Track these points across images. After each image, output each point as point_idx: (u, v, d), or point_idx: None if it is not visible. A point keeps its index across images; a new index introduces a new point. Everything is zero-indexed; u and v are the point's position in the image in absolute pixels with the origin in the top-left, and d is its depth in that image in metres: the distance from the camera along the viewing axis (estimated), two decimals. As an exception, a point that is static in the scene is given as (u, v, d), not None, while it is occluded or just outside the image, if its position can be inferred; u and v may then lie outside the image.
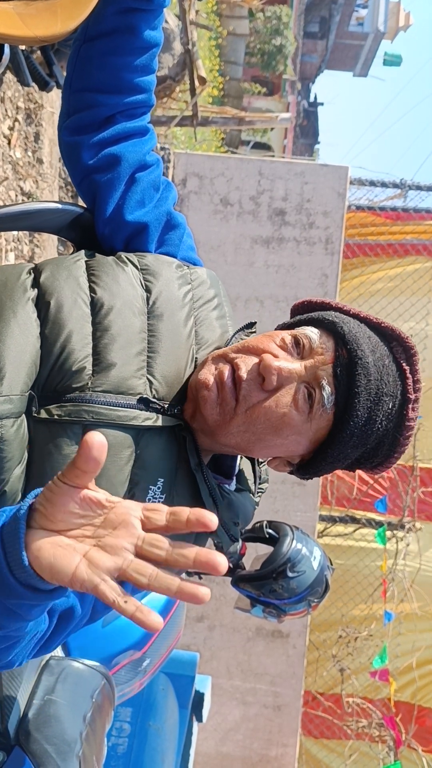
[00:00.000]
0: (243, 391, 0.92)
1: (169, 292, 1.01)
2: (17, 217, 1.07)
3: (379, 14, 30.55)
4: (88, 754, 1.48)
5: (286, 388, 0.93)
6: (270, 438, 0.94)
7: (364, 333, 0.97)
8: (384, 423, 0.95)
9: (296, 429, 0.94)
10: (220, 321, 1.06)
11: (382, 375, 0.94)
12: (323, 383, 0.93)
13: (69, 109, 1.07)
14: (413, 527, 4.27)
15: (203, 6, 12.14)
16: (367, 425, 0.93)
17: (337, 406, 0.93)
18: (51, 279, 0.96)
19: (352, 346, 0.93)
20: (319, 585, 1.69)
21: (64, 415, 0.90)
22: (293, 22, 21.27)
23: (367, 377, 0.92)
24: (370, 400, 0.93)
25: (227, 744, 4.11)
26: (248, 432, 0.94)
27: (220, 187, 3.90)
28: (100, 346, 0.93)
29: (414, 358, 0.98)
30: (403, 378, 0.96)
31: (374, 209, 4.46)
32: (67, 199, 4.36)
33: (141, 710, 2.54)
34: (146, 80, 1.08)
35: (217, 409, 0.93)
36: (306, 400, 0.93)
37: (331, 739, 4.52)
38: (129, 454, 0.93)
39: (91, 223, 1.10)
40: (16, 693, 1.44)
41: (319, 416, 0.93)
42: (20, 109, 3.62)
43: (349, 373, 0.93)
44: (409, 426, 0.96)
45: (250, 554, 1.78)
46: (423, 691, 4.38)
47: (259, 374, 0.93)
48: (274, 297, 3.87)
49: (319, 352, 0.95)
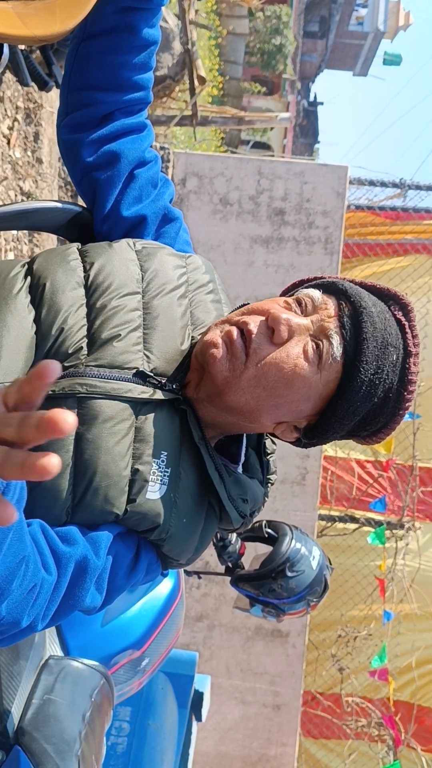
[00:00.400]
0: (254, 344, 0.93)
1: (163, 273, 1.02)
2: (16, 216, 1.07)
3: (379, 14, 30.55)
4: (87, 754, 1.48)
5: (295, 339, 0.94)
6: (281, 391, 0.94)
7: (364, 291, 0.98)
8: (390, 375, 0.95)
9: (307, 381, 0.94)
10: (215, 304, 1.07)
11: (386, 326, 0.95)
12: (331, 333, 0.93)
13: (67, 107, 1.08)
14: (412, 527, 4.27)
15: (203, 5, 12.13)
16: (376, 375, 0.94)
17: (346, 355, 0.94)
18: (44, 264, 0.98)
19: (355, 299, 0.95)
20: (318, 584, 1.69)
21: (59, 390, 0.91)
22: (293, 22, 21.27)
23: (373, 325, 0.94)
24: (377, 348, 0.94)
25: (226, 743, 4.11)
26: (259, 387, 0.93)
27: (220, 186, 3.90)
28: (95, 325, 0.94)
29: (410, 314, 0.99)
30: (403, 332, 0.98)
31: (374, 209, 4.47)
32: (67, 198, 4.36)
33: (140, 709, 2.54)
34: (144, 78, 1.08)
35: (227, 365, 0.93)
36: (315, 352, 0.93)
37: (330, 739, 4.52)
38: (128, 426, 0.93)
39: (90, 221, 1.10)
40: (15, 692, 1.44)
41: (329, 367, 0.94)
42: (19, 109, 3.62)
43: (355, 323, 0.94)
44: (412, 380, 0.97)
45: (250, 554, 1.78)
46: (422, 690, 4.39)
47: (269, 327, 0.93)
48: (274, 296, 3.86)
49: (323, 308, 0.96)
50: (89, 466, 0.91)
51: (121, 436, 0.92)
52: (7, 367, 0.90)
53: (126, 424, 0.93)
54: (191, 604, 3.97)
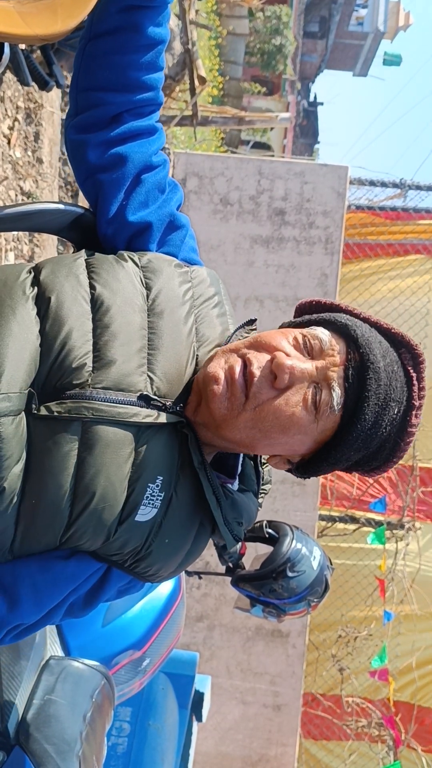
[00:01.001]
0: (254, 388, 0.92)
1: (169, 290, 1.01)
2: (19, 218, 1.06)
3: (379, 14, 30.55)
4: (88, 754, 1.48)
5: (297, 387, 0.93)
6: (276, 436, 0.94)
7: (375, 338, 0.97)
8: (388, 428, 0.95)
9: (303, 429, 0.94)
10: (220, 318, 1.06)
11: (391, 380, 0.94)
12: (333, 385, 0.93)
13: (76, 108, 1.06)
14: (413, 527, 4.27)
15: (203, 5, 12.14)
16: (373, 429, 0.93)
17: (345, 408, 0.93)
18: (51, 276, 0.96)
19: (365, 350, 0.94)
20: (318, 585, 1.69)
21: (64, 412, 0.90)
22: (293, 22, 21.27)
23: (377, 382, 0.93)
24: (378, 405, 0.93)
25: (227, 743, 4.11)
26: (255, 428, 0.94)
27: (220, 186, 3.90)
28: (101, 342, 0.93)
29: (421, 366, 0.98)
30: (409, 385, 0.97)
31: (374, 209, 4.47)
32: (67, 198, 4.36)
33: (141, 710, 2.54)
34: (153, 78, 1.06)
35: (226, 403, 0.93)
36: (315, 401, 0.93)
37: (330, 740, 4.52)
38: (129, 451, 0.93)
39: (92, 223, 1.09)
40: (16, 692, 1.44)
41: (327, 417, 0.94)
42: (20, 109, 3.62)
43: (360, 377, 0.93)
44: (411, 432, 0.97)
45: (250, 554, 1.78)
46: (423, 691, 4.38)
47: (271, 372, 0.93)
48: (274, 297, 3.87)
49: (330, 353, 0.94)
50: (89, 490, 0.91)
51: (122, 462, 0.93)
52: (11, 379, 0.89)
53: (128, 449, 0.93)
54: (191, 605, 3.97)
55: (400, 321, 4.23)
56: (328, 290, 3.83)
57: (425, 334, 4.19)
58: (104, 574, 0.99)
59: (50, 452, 0.90)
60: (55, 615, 0.99)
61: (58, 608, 0.98)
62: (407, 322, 4.23)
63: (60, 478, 0.90)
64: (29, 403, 0.90)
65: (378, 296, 4.32)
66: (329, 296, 3.81)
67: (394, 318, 4.24)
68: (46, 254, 3.84)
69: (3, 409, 0.87)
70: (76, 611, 1.01)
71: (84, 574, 0.97)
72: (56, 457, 0.90)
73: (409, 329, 4.21)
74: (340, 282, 4.16)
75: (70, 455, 0.90)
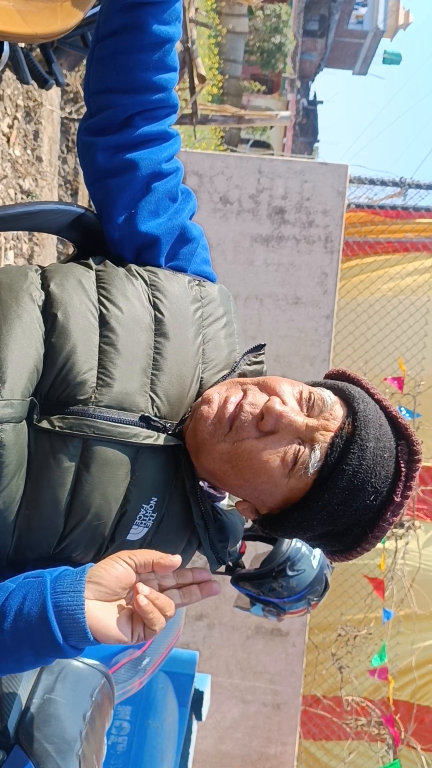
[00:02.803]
0: (238, 422, 0.92)
1: (178, 310, 1.00)
2: (18, 217, 1.06)
3: (379, 12, 30.53)
4: (87, 753, 1.48)
5: (281, 436, 0.92)
6: (246, 477, 0.93)
7: (377, 419, 0.95)
8: (359, 513, 0.93)
9: (273, 480, 0.93)
10: (228, 339, 1.06)
11: (376, 466, 0.92)
12: (316, 447, 0.92)
13: (90, 111, 1.05)
14: (412, 526, 4.27)
15: (203, 4, 12.13)
16: (341, 506, 0.92)
17: (320, 474, 0.92)
18: (60, 288, 0.95)
19: (359, 425, 0.92)
20: (318, 584, 1.69)
21: (66, 427, 0.90)
22: (292, 20, 21.25)
23: (360, 460, 0.91)
24: (353, 484, 0.91)
25: (226, 742, 4.11)
26: (228, 463, 0.93)
27: (220, 185, 3.89)
28: (106, 359, 0.93)
29: (416, 465, 0.95)
30: (396, 479, 0.94)
31: (374, 208, 4.46)
32: (67, 197, 4.35)
33: (141, 709, 2.54)
34: (163, 78, 1.04)
35: (210, 428, 0.93)
36: (294, 457, 0.92)
37: (330, 740, 4.52)
38: (126, 471, 0.93)
39: (93, 223, 1.08)
40: (15, 692, 1.44)
41: (299, 477, 0.92)
42: (19, 107, 3.62)
43: (344, 449, 0.91)
44: (383, 527, 0.94)
45: (250, 553, 1.78)
46: (422, 690, 4.38)
47: (261, 412, 0.92)
48: (274, 295, 3.87)
49: (327, 417, 0.94)
50: (84, 506, 0.91)
51: (119, 481, 0.93)
52: (14, 384, 0.88)
53: (125, 469, 0.93)
54: (191, 603, 3.96)
55: (400, 320, 4.23)
56: (328, 289, 3.83)
57: (425, 333, 4.19)
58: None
59: (49, 466, 0.90)
60: None
61: None
62: (407, 321, 4.23)
63: (57, 493, 0.90)
64: (31, 412, 0.90)
65: (378, 295, 4.32)
66: (329, 295, 3.81)
67: (394, 317, 4.24)
68: (45, 253, 3.83)
69: (5, 416, 0.87)
70: None
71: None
72: (55, 471, 0.90)
73: (409, 327, 4.21)
74: (340, 280, 4.16)
75: (69, 471, 0.91)
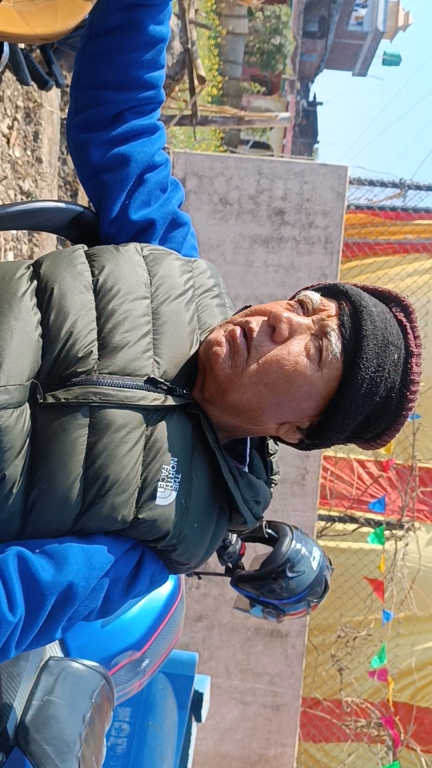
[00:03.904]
0: (255, 341, 0.94)
1: (170, 278, 1.02)
2: (18, 216, 1.06)
3: (379, 14, 30.55)
4: (87, 755, 1.47)
5: (297, 338, 0.95)
6: (282, 389, 0.94)
7: (365, 294, 1.00)
8: (392, 374, 0.95)
9: (308, 378, 0.94)
10: (220, 308, 1.07)
11: (386, 325, 0.96)
12: (330, 332, 0.94)
13: (77, 107, 1.06)
14: (412, 527, 4.27)
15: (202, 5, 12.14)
16: (377, 372, 0.94)
17: (345, 352, 0.94)
18: (51, 268, 0.97)
19: (355, 299, 0.96)
20: (318, 585, 1.69)
21: (71, 398, 0.90)
22: (292, 22, 21.26)
23: (373, 323, 0.95)
24: (377, 345, 0.94)
25: (226, 743, 4.11)
26: (260, 384, 0.94)
27: (220, 186, 3.89)
28: (105, 330, 0.94)
29: (412, 315, 1.00)
30: (404, 333, 0.98)
31: (373, 209, 4.46)
32: (66, 198, 4.35)
33: (140, 710, 2.54)
34: (154, 76, 1.06)
35: (229, 362, 0.94)
36: (316, 350, 0.94)
37: (330, 741, 4.52)
38: (139, 434, 0.93)
39: (92, 221, 1.09)
40: (15, 693, 1.44)
41: (329, 364, 0.94)
42: (19, 108, 3.62)
43: (354, 321, 0.95)
44: (414, 380, 0.97)
45: (250, 554, 1.78)
46: (422, 692, 4.38)
47: (270, 326, 0.95)
48: (273, 296, 3.86)
49: (323, 308, 0.97)
50: (100, 475, 0.91)
51: (132, 445, 0.93)
52: (10, 371, 0.89)
53: (137, 432, 0.93)
54: (191, 605, 3.96)
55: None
56: (328, 290, 3.83)
57: (425, 334, 4.16)
58: (140, 558, 0.98)
59: (59, 439, 0.90)
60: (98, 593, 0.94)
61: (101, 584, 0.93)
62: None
63: (70, 465, 0.90)
64: (33, 394, 0.90)
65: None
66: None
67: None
68: (45, 253, 3.83)
69: (2, 402, 0.88)
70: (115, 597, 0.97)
71: (122, 547, 0.95)
72: (65, 443, 0.90)
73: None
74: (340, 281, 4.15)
75: (80, 441, 0.91)
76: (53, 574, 0.89)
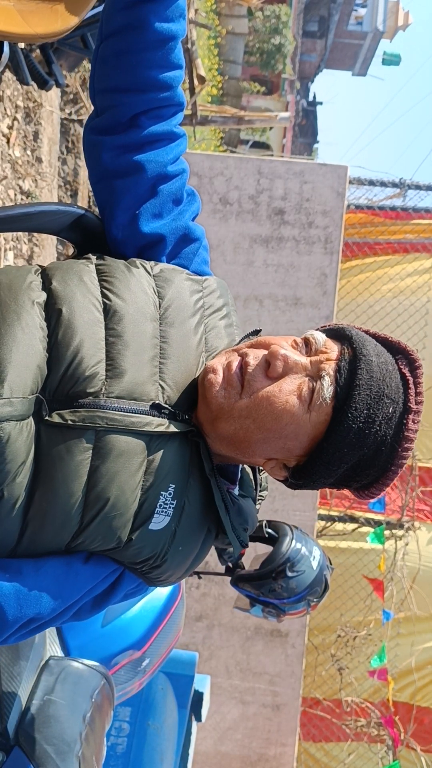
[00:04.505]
0: (248, 376, 0.94)
1: (180, 299, 1.01)
2: (20, 218, 1.06)
3: (378, 13, 30.54)
4: (87, 754, 1.47)
5: (291, 377, 0.94)
6: (270, 425, 0.94)
7: (371, 341, 0.98)
8: (383, 427, 0.94)
9: (295, 418, 0.94)
10: (228, 329, 1.07)
11: (385, 377, 0.94)
12: (324, 375, 0.94)
13: (96, 110, 1.05)
14: (412, 526, 4.27)
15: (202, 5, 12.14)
16: (366, 424, 0.93)
17: (336, 399, 0.93)
18: (62, 284, 0.95)
19: (357, 345, 0.95)
20: (318, 584, 1.69)
21: (78, 420, 0.90)
22: (292, 21, 21.26)
23: (369, 373, 0.93)
24: (370, 397, 0.93)
25: (226, 743, 4.11)
26: (249, 418, 0.94)
27: (219, 186, 3.89)
28: (114, 351, 0.93)
29: (418, 371, 0.97)
30: (405, 387, 0.96)
31: (373, 208, 4.46)
32: (66, 197, 4.35)
33: (140, 710, 2.54)
34: (168, 76, 1.02)
35: (222, 392, 0.94)
36: (309, 391, 0.94)
37: (330, 741, 4.52)
38: (141, 460, 0.94)
39: (93, 224, 1.08)
40: (15, 693, 1.44)
41: (318, 408, 0.94)
42: (19, 108, 3.62)
43: (351, 369, 0.94)
44: (409, 437, 0.95)
45: (250, 554, 1.78)
46: (422, 691, 4.38)
47: (266, 361, 0.94)
48: (273, 296, 3.86)
49: (324, 351, 0.96)
50: (101, 498, 0.92)
51: (134, 470, 0.93)
52: (14, 384, 0.88)
53: (139, 458, 0.94)
54: (191, 604, 3.96)
55: (400, 320, 4.23)
56: (328, 290, 3.83)
57: (425, 334, 4.19)
58: (117, 578, 1.00)
59: (63, 460, 0.90)
60: (65, 614, 0.99)
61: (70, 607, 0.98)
62: (407, 322, 4.23)
63: (72, 486, 0.91)
64: (38, 409, 0.90)
65: (377, 296, 4.32)
66: (328, 296, 3.81)
67: (394, 317, 4.24)
68: (45, 254, 3.83)
69: (5, 414, 0.87)
70: (83, 613, 1.01)
71: (102, 573, 0.97)
72: (69, 465, 0.90)
73: (409, 329, 4.21)
74: (340, 281, 4.16)
75: (83, 464, 0.91)
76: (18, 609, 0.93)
